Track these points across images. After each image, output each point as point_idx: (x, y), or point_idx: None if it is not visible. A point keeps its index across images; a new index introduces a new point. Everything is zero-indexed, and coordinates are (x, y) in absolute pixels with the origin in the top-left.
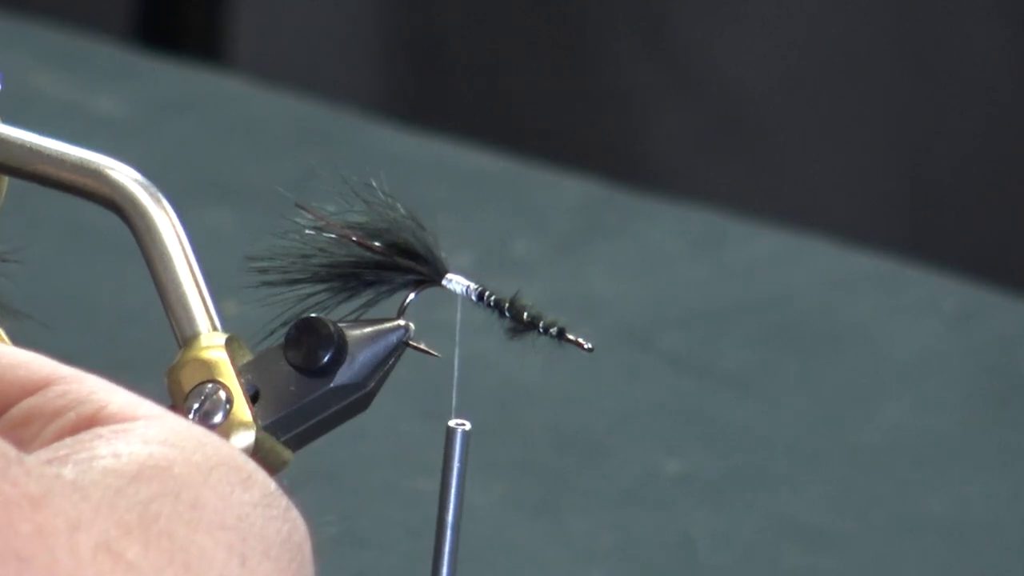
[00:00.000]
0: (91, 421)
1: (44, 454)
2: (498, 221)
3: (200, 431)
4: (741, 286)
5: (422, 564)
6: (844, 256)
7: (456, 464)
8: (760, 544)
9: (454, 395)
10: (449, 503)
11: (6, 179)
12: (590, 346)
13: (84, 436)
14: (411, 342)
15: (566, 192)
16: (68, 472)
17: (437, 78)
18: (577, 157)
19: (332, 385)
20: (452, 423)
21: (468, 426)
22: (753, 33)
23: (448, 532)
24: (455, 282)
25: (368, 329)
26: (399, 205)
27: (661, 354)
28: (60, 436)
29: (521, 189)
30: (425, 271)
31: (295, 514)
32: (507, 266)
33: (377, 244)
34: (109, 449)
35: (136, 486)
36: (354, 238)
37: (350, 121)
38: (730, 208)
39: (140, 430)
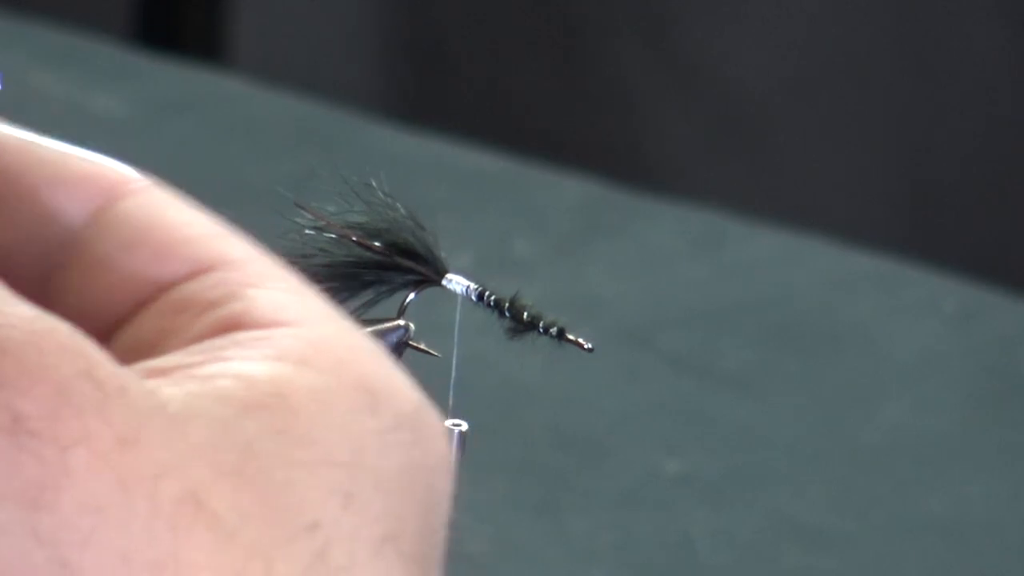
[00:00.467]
0: (235, 322)
1: (175, 358)
2: (498, 221)
3: (346, 345)
4: (741, 286)
5: None
6: (844, 256)
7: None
8: (760, 544)
9: (451, 395)
10: None
11: None
12: (590, 346)
13: (220, 342)
14: (411, 342)
15: (566, 192)
16: (176, 403)
17: (437, 78)
18: (577, 157)
19: None
20: (448, 423)
21: (465, 426)
22: (753, 33)
23: None
24: (455, 282)
25: (368, 329)
26: (399, 205)
27: (661, 354)
28: (202, 336)
29: (521, 189)
30: (425, 271)
31: (433, 433)
32: (507, 266)
33: (377, 244)
34: (237, 367)
35: (244, 420)
36: (354, 238)
37: (350, 121)
38: (730, 208)
39: (279, 340)
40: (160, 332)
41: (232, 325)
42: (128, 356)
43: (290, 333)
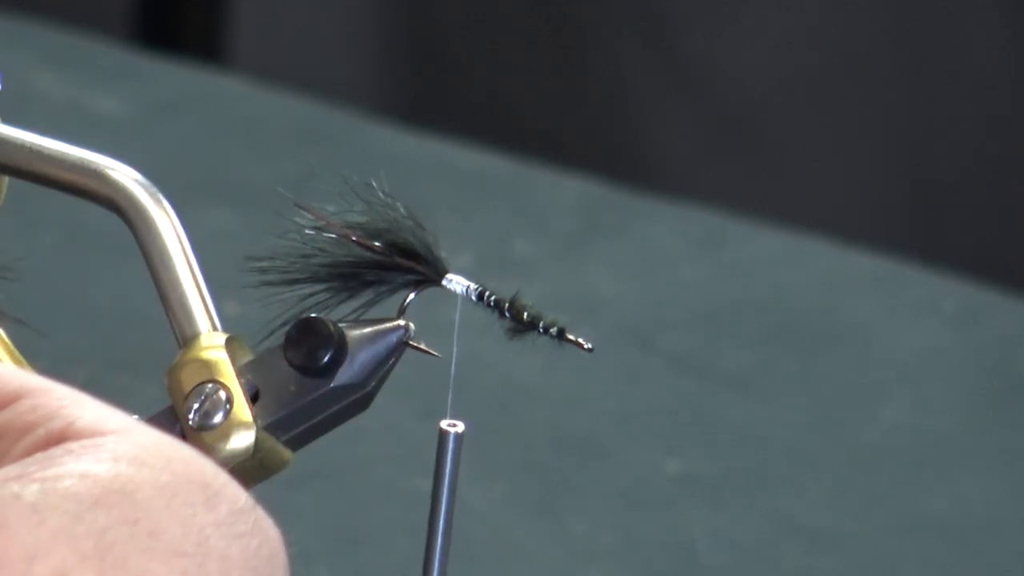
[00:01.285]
0: (61, 436)
1: (13, 470)
2: (498, 221)
3: (172, 445)
4: (741, 286)
5: (421, 564)
6: (844, 256)
7: (448, 466)
8: (760, 544)
9: (450, 395)
10: (441, 505)
11: (6, 179)
12: (590, 346)
13: (55, 452)
14: (411, 342)
15: (566, 192)
16: (29, 494)
17: (437, 78)
18: (577, 157)
19: (332, 385)
20: (444, 424)
21: (461, 427)
22: (753, 33)
23: (439, 535)
24: (455, 282)
25: (368, 329)
26: (399, 205)
27: (661, 354)
28: (30, 452)
29: (521, 189)
30: (425, 271)
31: (266, 525)
32: (507, 266)
33: (377, 244)
34: (77, 468)
35: (95, 512)
36: (354, 238)
37: (350, 121)
38: (730, 208)
39: (111, 445)
40: None
41: (59, 438)
42: None
43: (119, 439)
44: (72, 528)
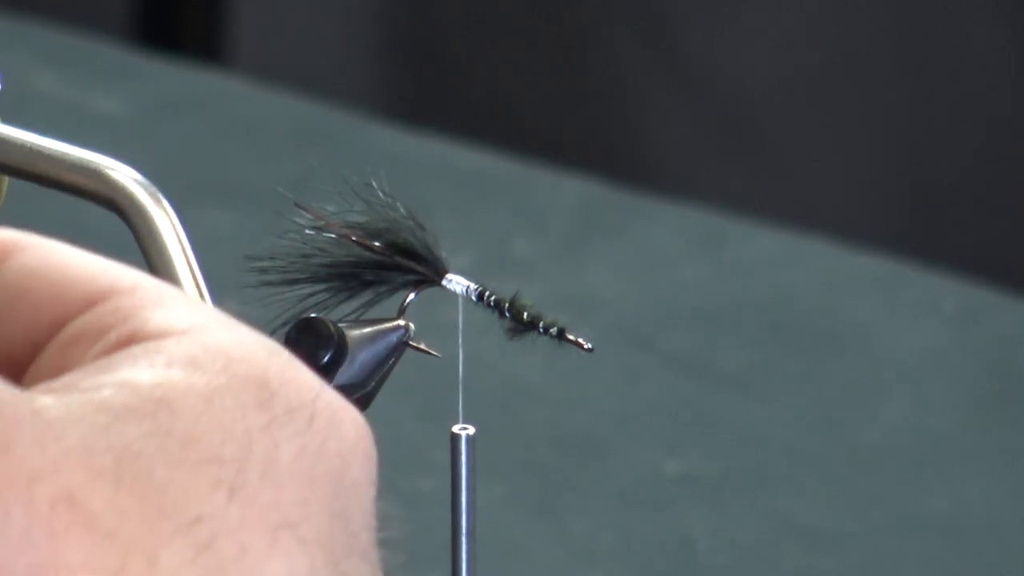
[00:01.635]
0: (130, 339)
1: (66, 379)
2: (498, 221)
3: (238, 344)
4: (741, 286)
5: (422, 564)
6: (844, 256)
7: (464, 469)
8: (760, 544)
9: (460, 399)
10: (461, 509)
11: (6, 179)
12: (590, 346)
13: (116, 357)
14: (411, 342)
15: (566, 192)
16: (53, 409)
17: (437, 78)
18: (577, 157)
19: (332, 385)
20: (456, 428)
21: (472, 430)
22: (753, 33)
23: (463, 538)
24: (455, 282)
25: (368, 329)
26: (399, 205)
27: (661, 354)
28: (97, 358)
29: (521, 189)
30: (425, 271)
31: (339, 420)
32: (507, 266)
33: (377, 244)
34: (121, 375)
35: (124, 424)
36: (354, 238)
37: (350, 121)
38: (730, 208)
39: (170, 347)
40: (58, 366)
41: (125, 342)
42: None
43: (182, 340)
44: (92, 443)
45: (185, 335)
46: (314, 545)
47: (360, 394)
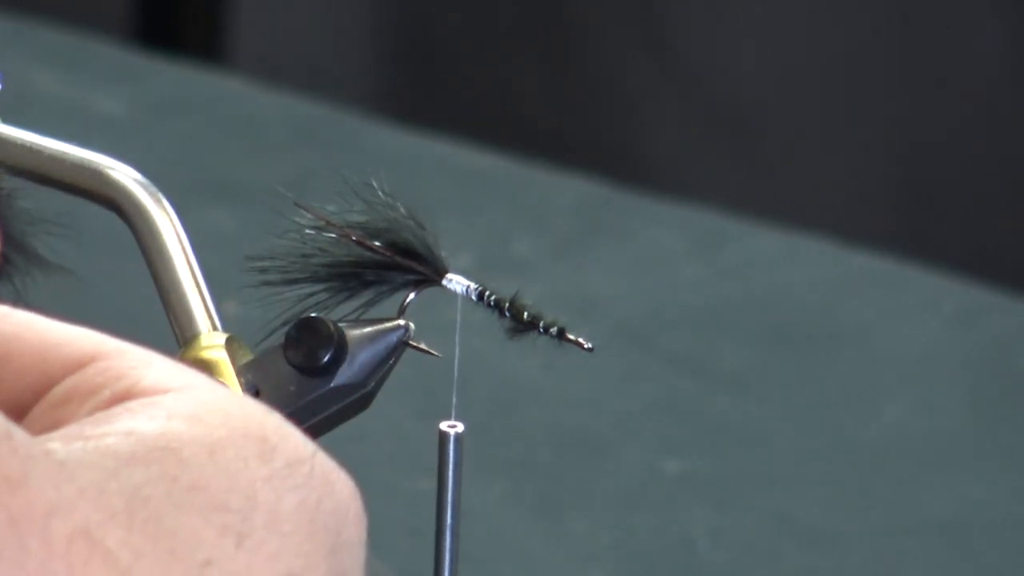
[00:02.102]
0: (124, 396)
1: (68, 430)
2: (498, 221)
3: (235, 402)
4: (741, 286)
5: (422, 564)
6: (844, 256)
7: (451, 467)
8: (760, 544)
9: (454, 396)
10: (446, 506)
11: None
12: (590, 346)
13: (114, 411)
14: (411, 342)
15: (566, 192)
16: (63, 451)
17: (437, 78)
18: (577, 157)
19: (332, 385)
20: (444, 426)
21: (461, 428)
22: (753, 33)
23: (447, 536)
24: (455, 282)
25: (368, 329)
26: (399, 205)
27: (661, 354)
28: (93, 413)
29: (521, 189)
30: (425, 271)
31: (333, 479)
32: (507, 266)
33: (377, 244)
34: (125, 425)
35: (132, 468)
36: (354, 238)
37: (350, 121)
38: (730, 208)
39: (169, 403)
40: (50, 424)
41: (122, 398)
42: None
43: (180, 396)
44: (103, 484)
45: (181, 392)
46: None
47: (360, 394)
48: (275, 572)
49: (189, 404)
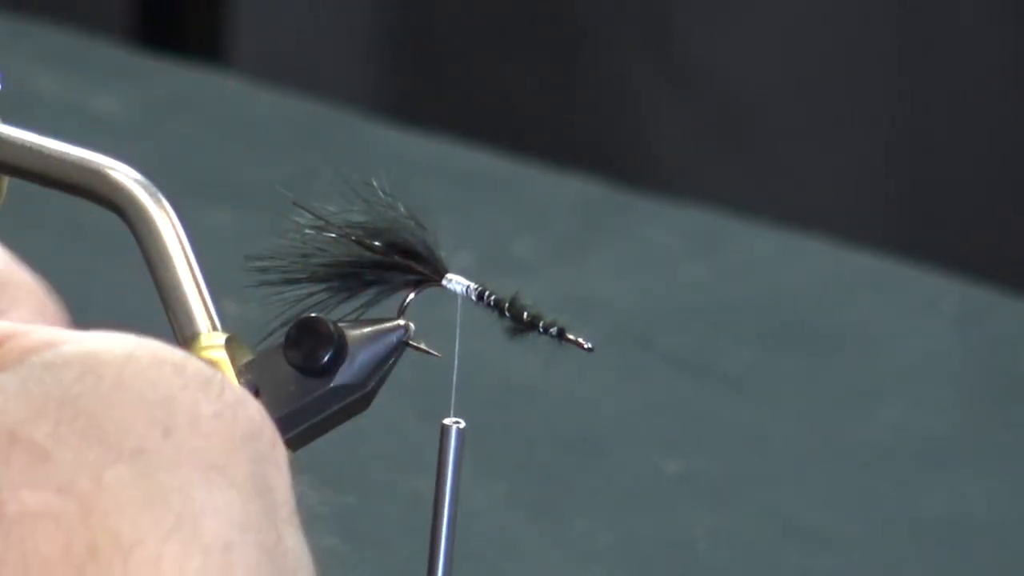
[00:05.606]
0: (32, 348)
1: None
2: (498, 221)
3: (135, 338)
4: (741, 286)
5: (422, 564)
6: (844, 256)
7: (451, 462)
8: (760, 544)
9: (453, 394)
10: (444, 501)
11: (6, 179)
12: (590, 346)
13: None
14: (411, 342)
15: (566, 192)
16: None
17: (437, 78)
18: (577, 157)
19: (332, 385)
20: (447, 421)
21: (463, 424)
22: (753, 34)
23: (444, 531)
24: (455, 282)
25: (368, 329)
26: (399, 205)
27: (661, 354)
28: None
29: (521, 189)
30: (425, 271)
31: (241, 399)
32: (507, 266)
33: (377, 244)
34: (45, 353)
35: (56, 371)
36: (354, 238)
37: (350, 121)
38: (730, 208)
39: (80, 334)
40: None
41: (31, 351)
42: None
43: (90, 333)
44: (29, 388)
45: (92, 333)
46: (243, 489)
47: (360, 394)
48: (202, 462)
49: (100, 335)
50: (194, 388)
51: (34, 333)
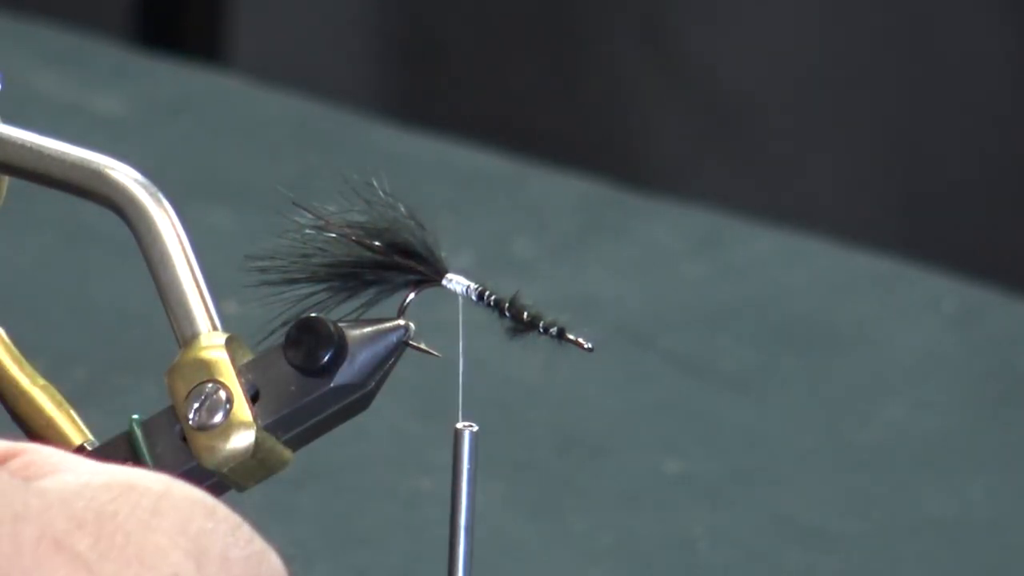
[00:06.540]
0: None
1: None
2: (498, 221)
3: (178, 480)
4: (741, 286)
5: (422, 564)
6: (844, 256)
7: (466, 466)
8: (760, 544)
9: (460, 396)
10: (461, 505)
11: (6, 179)
12: (590, 346)
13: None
14: (411, 342)
15: (566, 192)
16: (32, 480)
17: (437, 78)
18: (577, 157)
19: (332, 385)
20: (460, 425)
21: (476, 428)
22: (753, 34)
23: (462, 534)
24: (455, 282)
25: (368, 329)
26: (399, 204)
27: (661, 354)
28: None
29: (521, 189)
30: (425, 271)
31: (265, 548)
32: (507, 266)
33: (377, 244)
34: (79, 475)
35: (95, 491)
36: (354, 237)
37: (350, 121)
38: (730, 208)
39: (108, 465)
40: None
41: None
42: None
43: (112, 465)
44: (70, 501)
45: (107, 466)
46: None
47: (360, 394)
48: None
49: (127, 468)
50: (224, 531)
51: (41, 452)
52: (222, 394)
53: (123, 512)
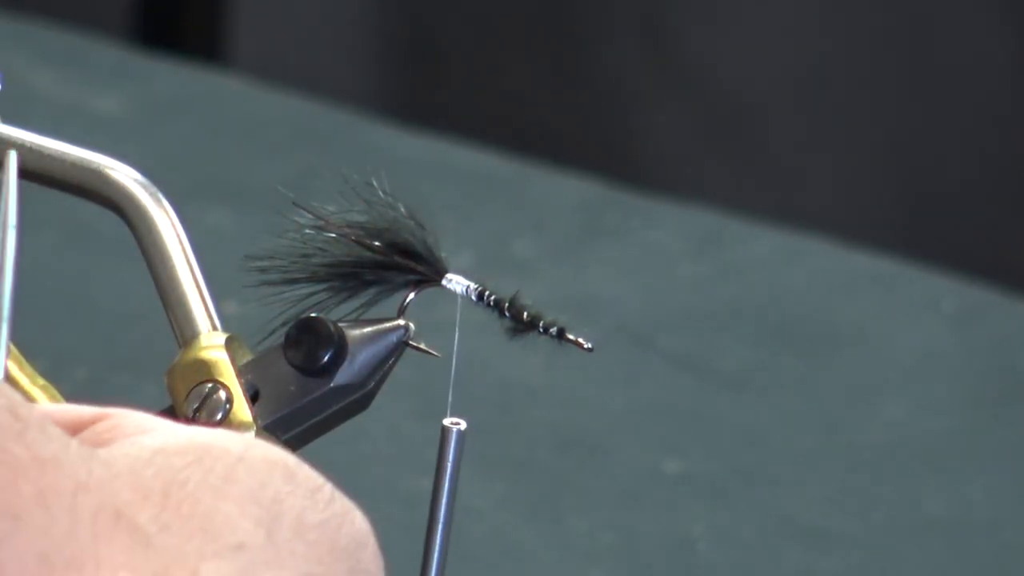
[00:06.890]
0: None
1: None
2: (498, 221)
3: (260, 441)
4: (741, 286)
5: (420, 564)
6: (844, 256)
7: (450, 463)
8: (760, 544)
9: (450, 394)
10: (441, 501)
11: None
12: (590, 346)
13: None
14: (411, 342)
15: (566, 192)
16: (102, 449)
17: (437, 78)
18: (577, 157)
19: (332, 385)
20: (447, 422)
21: (463, 425)
22: (753, 34)
23: (439, 530)
24: (455, 282)
25: (368, 329)
26: (399, 205)
27: (661, 354)
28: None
29: (521, 189)
30: (425, 271)
31: (349, 509)
32: (507, 266)
33: (377, 244)
34: (156, 439)
35: (168, 457)
36: (354, 238)
37: (350, 121)
38: (730, 208)
39: (188, 427)
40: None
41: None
42: None
43: (195, 426)
44: (139, 469)
45: (193, 428)
46: None
47: (360, 394)
48: (300, 570)
49: (213, 430)
50: (302, 495)
51: (129, 416)
52: (222, 394)
53: (194, 479)
